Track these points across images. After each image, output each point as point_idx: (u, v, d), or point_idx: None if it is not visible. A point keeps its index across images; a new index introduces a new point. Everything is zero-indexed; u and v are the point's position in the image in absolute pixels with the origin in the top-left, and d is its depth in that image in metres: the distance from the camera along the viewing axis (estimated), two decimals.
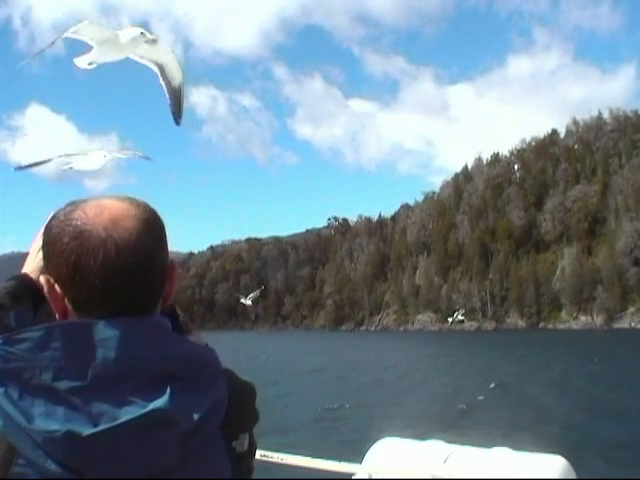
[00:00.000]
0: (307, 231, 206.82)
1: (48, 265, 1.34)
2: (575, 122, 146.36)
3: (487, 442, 4.50)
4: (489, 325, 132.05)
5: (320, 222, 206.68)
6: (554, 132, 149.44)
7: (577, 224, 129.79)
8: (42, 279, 1.35)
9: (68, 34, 3.74)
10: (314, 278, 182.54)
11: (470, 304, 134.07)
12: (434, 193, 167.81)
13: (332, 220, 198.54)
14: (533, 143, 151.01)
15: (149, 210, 1.37)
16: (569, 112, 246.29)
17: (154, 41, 4.05)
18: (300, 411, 30.39)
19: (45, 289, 1.34)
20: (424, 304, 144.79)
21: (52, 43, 3.82)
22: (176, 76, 4.25)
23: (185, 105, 4.33)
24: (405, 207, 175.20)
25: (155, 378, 1.23)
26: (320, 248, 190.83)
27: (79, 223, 1.29)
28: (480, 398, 32.61)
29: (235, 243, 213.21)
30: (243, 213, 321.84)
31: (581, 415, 27.13)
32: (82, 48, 4.00)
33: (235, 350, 66.91)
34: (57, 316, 1.36)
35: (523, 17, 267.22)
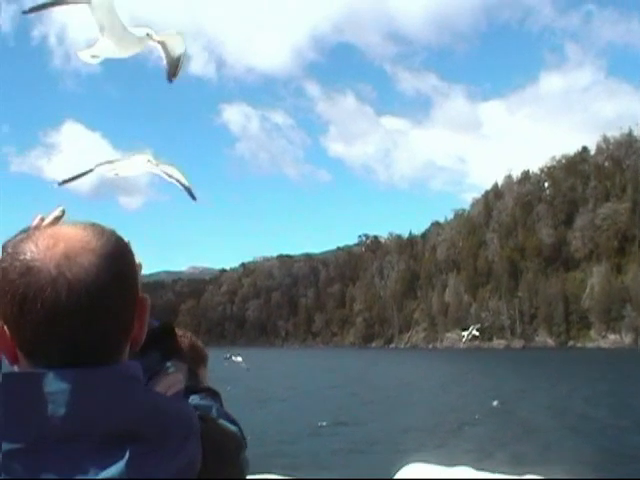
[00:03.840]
0: (338, 248, 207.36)
1: None
2: (605, 139, 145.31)
3: (516, 468, 4.76)
4: (518, 343, 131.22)
5: (351, 239, 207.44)
6: (584, 149, 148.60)
7: (607, 242, 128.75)
8: None
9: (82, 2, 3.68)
10: (344, 295, 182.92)
11: (499, 322, 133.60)
12: (464, 211, 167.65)
13: (363, 237, 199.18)
14: (563, 160, 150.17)
15: (113, 241, 1.20)
16: (600, 129, 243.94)
17: (160, 43, 4.05)
18: (315, 428, 30.73)
19: None
20: (453, 322, 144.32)
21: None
22: (177, 49, 4.14)
23: (182, 72, 4.20)
24: (435, 225, 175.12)
25: (111, 439, 1.07)
26: (351, 265, 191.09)
27: (28, 257, 1.13)
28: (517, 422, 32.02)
29: (266, 260, 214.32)
30: (275, 230, 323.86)
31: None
32: (115, 67, 4.15)
33: (260, 367, 67.57)
34: (7, 362, 1.21)
35: (555, 33, 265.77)
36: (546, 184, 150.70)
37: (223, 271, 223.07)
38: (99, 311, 1.13)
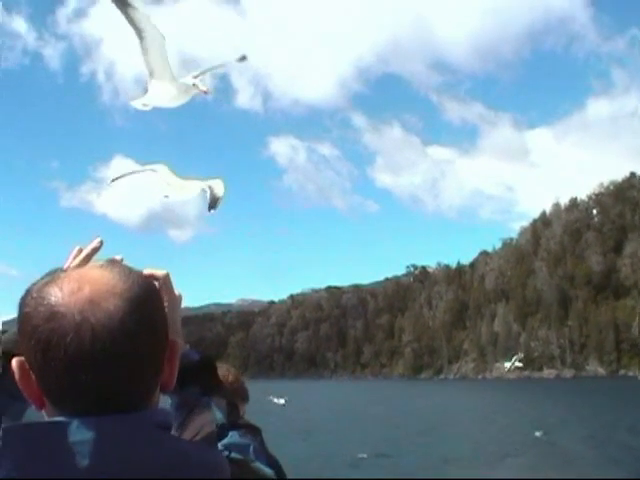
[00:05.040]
0: (386, 279, 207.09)
1: (21, 346, 1.15)
2: None
3: None
4: (568, 373, 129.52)
5: (399, 270, 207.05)
6: (632, 175, 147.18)
7: None
8: (15, 363, 1.15)
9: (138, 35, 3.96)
10: (393, 326, 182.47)
11: (549, 351, 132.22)
12: (512, 239, 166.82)
13: (411, 268, 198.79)
14: (611, 187, 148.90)
15: (140, 284, 1.17)
16: None
17: (205, 93, 4.23)
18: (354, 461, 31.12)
19: (17, 375, 1.15)
20: (502, 352, 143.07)
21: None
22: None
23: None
24: (484, 254, 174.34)
25: None
26: (399, 296, 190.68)
27: (52, 302, 1.11)
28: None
29: (315, 292, 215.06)
30: (323, 261, 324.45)
31: None
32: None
33: (306, 399, 68.02)
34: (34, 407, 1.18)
35: (601, 59, 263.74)
36: (594, 211, 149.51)
37: (272, 303, 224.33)
38: (125, 357, 1.10)
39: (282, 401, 55.99)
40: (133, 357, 1.11)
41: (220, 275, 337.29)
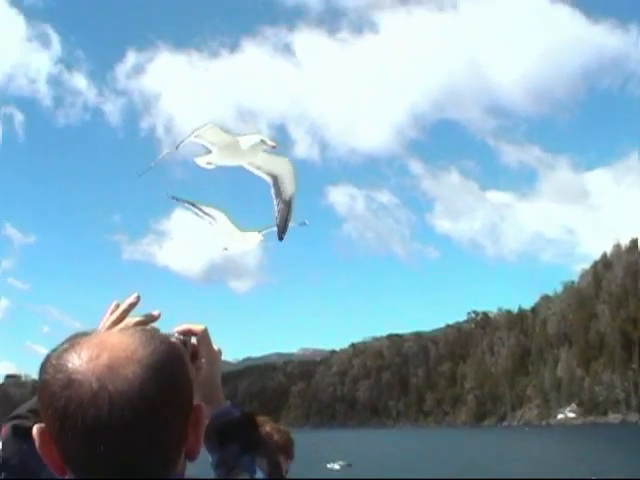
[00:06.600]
0: (447, 326, 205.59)
1: (41, 413, 1.10)
2: None
3: None
4: (633, 417, 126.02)
5: (460, 316, 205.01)
6: None
7: None
8: (35, 430, 1.10)
9: (191, 139, 3.88)
10: (455, 373, 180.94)
11: (613, 396, 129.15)
12: (573, 282, 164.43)
13: (472, 314, 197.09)
14: None
15: (162, 349, 1.11)
16: None
17: (273, 147, 4.00)
18: None
19: (37, 443, 1.10)
20: (567, 397, 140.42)
21: (177, 147, 3.93)
22: (288, 188, 4.15)
23: (291, 222, 4.20)
24: (545, 298, 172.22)
25: None
26: (461, 343, 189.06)
27: (70, 369, 1.06)
28: None
29: (376, 340, 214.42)
30: (384, 309, 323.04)
31: None
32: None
33: (365, 449, 67.54)
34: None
35: None
36: None
37: (333, 352, 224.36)
38: (144, 426, 1.05)
39: (337, 466, 54.45)
40: (153, 426, 1.07)
41: (281, 324, 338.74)
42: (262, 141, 3.90)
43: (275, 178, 4.11)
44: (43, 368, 1.11)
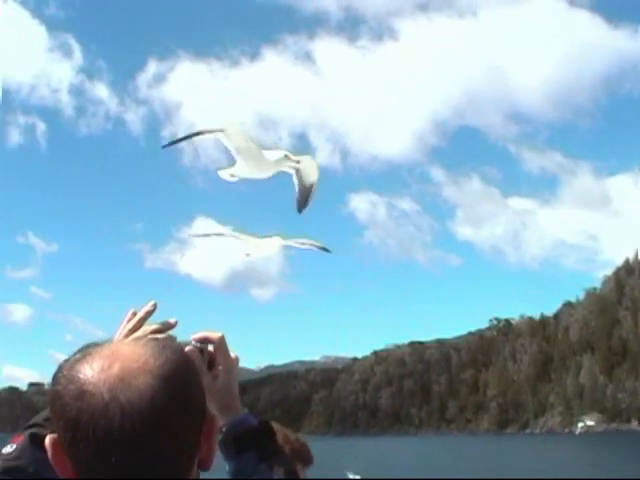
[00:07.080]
0: (469, 333, 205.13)
1: (53, 424, 1.10)
2: None
3: None
4: None
5: (482, 323, 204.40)
6: None
7: None
8: (48, 440, 1.11)
9: (218, 134, 3.89)
10: (477, 380, 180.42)
11: (637, 403, 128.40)
12: (595, 289, 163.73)
13: (494, 321, 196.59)
14: None
15: (174, 360, 1.11)
16: None
17: (298, 163, 4.08)
18: None
19: (49, 454, 1.10)
20: (589, 404, 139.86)
21: (200, 132, 3.92)
22: (311, 175, 4.27)
23: (312, 199, 4.34)
24: (567, 305, 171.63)
25: None
26: (483, 350, 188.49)
27: (82, 380, 1.06)
28: None
29: (398, 347, 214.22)
30: (406, 316, 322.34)
31: None
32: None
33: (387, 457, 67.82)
34: None
35: None
36: None
37: (355, 360, 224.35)
38: (156, 437, 1.05)
39: (358, 476, 54.38)
40: (165, 437, 1.06)
41: (303, 332, 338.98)
42: (286, 156, 3.98)
43: (297, 170, 4.21)
44: (55, 379, 1.12)
